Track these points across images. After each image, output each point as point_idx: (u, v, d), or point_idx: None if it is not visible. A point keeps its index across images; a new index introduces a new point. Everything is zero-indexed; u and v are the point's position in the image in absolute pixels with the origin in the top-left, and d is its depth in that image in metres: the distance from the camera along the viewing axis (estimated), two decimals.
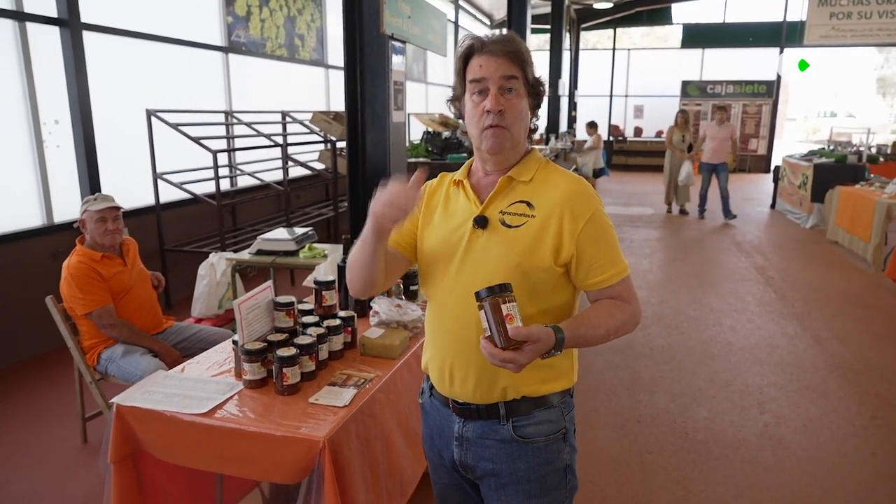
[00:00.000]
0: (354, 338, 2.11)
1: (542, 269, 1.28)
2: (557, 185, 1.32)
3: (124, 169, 4.94)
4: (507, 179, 1.33)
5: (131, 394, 1.76)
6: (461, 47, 1.33)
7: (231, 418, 1.64)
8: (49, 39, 4.14)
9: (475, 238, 1.32)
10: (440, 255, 1.37)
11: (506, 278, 1.22)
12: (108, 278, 2.83)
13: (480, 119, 1.29)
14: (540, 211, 1.29)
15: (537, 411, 1.34)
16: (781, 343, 4.42)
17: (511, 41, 1.29)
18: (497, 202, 1.33)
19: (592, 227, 1.28)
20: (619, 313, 1.30)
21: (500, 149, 1.30)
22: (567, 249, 1.27)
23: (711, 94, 16.33)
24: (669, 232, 8.39)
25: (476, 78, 1.28)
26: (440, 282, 1.37)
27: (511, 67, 1.28)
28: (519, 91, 1.29)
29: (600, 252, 1.29)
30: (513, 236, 1.29)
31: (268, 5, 6.64)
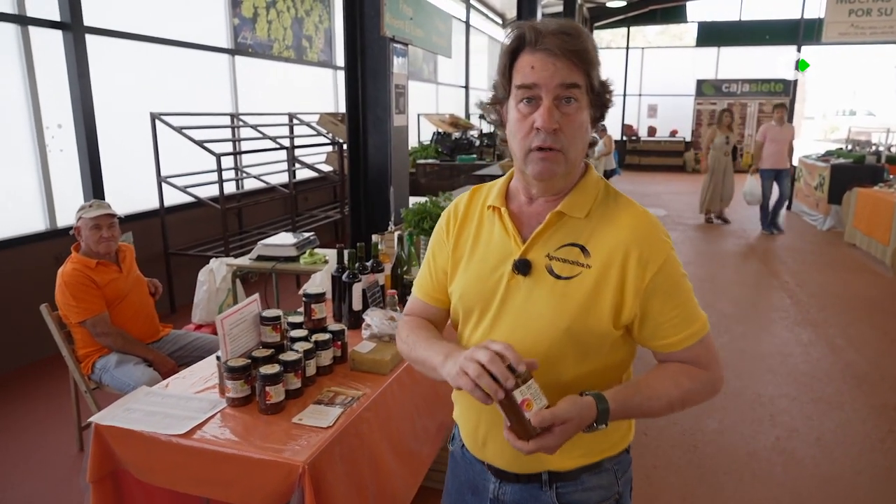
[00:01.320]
0: (345, 352, 2.05)
1: (597, 334, 1.06)
2: (619, 223, 1.07)
3: (128, 172, 4.93)
4: (556, 216, 1.08)
5: (111, 412, 1.71)
6: (509, 38, 1.05)
7: (210, 439, 1.58)
8: (52, 43, 4.12)
9: (515, 287, 1.10)
10: (472, 302, 1.15)
11: (552, 344, 1.06)
12: (103, 286, 2.79)
13: (528, 137, 1.03)
14: (597, 258, 1.05)
15: (586, 476, 1.15)
16: (795, 351, 4.30)
17: (574, 35, 1.00)
18: (543, 242, 1.09)
19: (663, 278, 1.04)
20: (689, 382, 1.08)
21: (550, 175, 1.05)
22: (630, 309, 1.05)
23: (727, 92, 16.10)
24: (681, 234, 8.25)
25: (525, 83, 1.01)
26: (472, 335, 1.16)
27: (572, 72, 1.01)
28: (580, 102, 1.02)
29: (671, 309, 1.06)
30: (562, 291, 1.06)
31: (275, 7, 6.61)
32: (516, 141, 1.05)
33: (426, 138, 9.91)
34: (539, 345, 1.07)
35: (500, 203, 1.14)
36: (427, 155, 8.90)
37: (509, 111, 1.07)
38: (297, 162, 6.66)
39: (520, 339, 1.07)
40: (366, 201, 3.71)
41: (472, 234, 1.19)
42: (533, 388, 0.96)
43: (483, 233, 1.17)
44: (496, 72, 1.09)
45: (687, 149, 16.54)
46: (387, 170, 3.60)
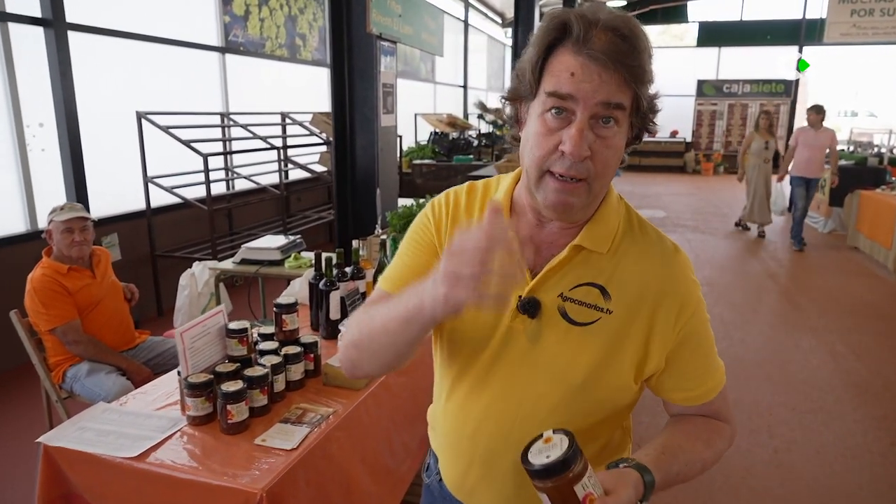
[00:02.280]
0: (318, 365, 1.94)
1: (616, 389, 0.92)
2: (647, 261, 0.92)
3: (114, 173, 4.82)
4: (574, 250, 0.91)
5: (62, 431, 1.61)
6: (549, 24, 0.83)
7: (164, 463, 1.47)
8: (32, 40, 4.01)
9: (518, 328, 0.92)
10: (465, 337, 0.96)
11: (561, 400, 0.90)
12: (75, 292, 2.69)
13: (548, 157, 0.83)
14: (620, 302, 0.90)
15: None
16: (794, 358, 4.19)
17: (632, 40, 0.80)
18: (556, 279, 0.91)
19: (692, 329, 0.91)
20: (719, 440, 0.97)
21: (567, 209, 0.87)
22: (656, 363, 0.91)
23: (728, 93, 16.00)
24: (680, 237, 8.13)
25: (560, 92, 0.81)
26: (463, 376, 0.99)
27: (620, 91, 0.81)
28: (620, 125, 0.84)
29: (697, 360, 0.94)
30: (578, 340, 0.90)
31: (267, 4, 6.51)
32: (533, 157, 0.85)
33: (423, 138, 9.80)
34: (545, 401, 0.92)
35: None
36: (424, 155, 8.79)
37: (530, 116, 0.87)
38: (290, 162, 6.56)
39: (523, 392, 0.93)
40: (353, 204, 3.61)
41: None
42: (592, 478, 0.76)
43: None
44: (524, 61, 0.87)
45: (687, 149, 16.43)
46: (374, 171, 3.49)
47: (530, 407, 0.90)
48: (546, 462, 0.74)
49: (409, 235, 1.05)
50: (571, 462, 0.74)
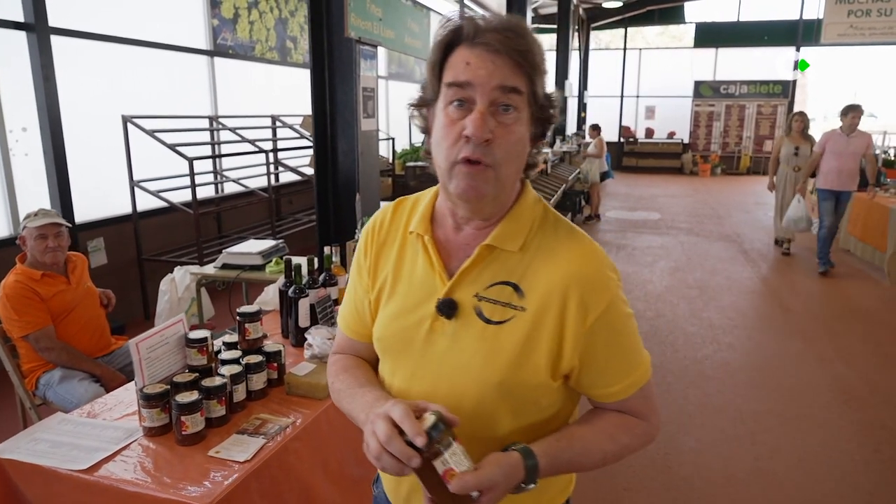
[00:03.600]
0: (282, 374, 1.92)
1: (534, 387, 0.93)
2: (559, 258, 0.93)
3: (100, 176, 4.81)
4: (486, 249, 0.94)
5: (15, 442, 1.59)
6: (443, 29, 0.90)
7: (113, 476, 1.45)
8: (15, 44, 4.00)
9: (439, 331, 0.95)
10: (392, 342, 1.01)
11: (480, 399, 0.92)
12: (48, 298, 2.67)
13: (454, 146, 0.87)
14: (532, 300, 0.91)
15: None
16: (783, 364, 4.16)
17: (519, 34, 0.86)
18: (471, 279, 0.94)
19: (606, 324, 0.92)
20: (626, 436, 0.98)
21: (477, 196, 0.89)
22: (569, 359, 0.92)
23: (725, 94, 15.99)
24: (673, 239, 8.11)
25: (458, 81, 0.86)
26: (391, 382, 1.02)
27: (514, 74, 0.86)
28: (520, 112, 0.88)
29: (614, 357, 0.95)
30: (494, 338, 0.92)
31: (257, 7, 6.49)
32: (441, 150, 0.90)
33: (418, 140, 9.78)
34: (466, 399, 0.93)
35: (425, 230, 0.98)
36: (418, 157, 8.78)
37: (436, 115, 0.91)
38: (280, 165, 6.54)
39: (444, 394, 0.94)
40: (335, 209, 3.59)
41: (392, 261, 1.02)
42: (456, 455, 0.82)
43: (406, 261, 1.01)
44: (426, 67, 0.93)
45: (684, 150, 16.41)
46: (355, 175, 3.47)
47: (454, 408, 0.89)
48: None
49: (352, 266, 1.10)
50: (434, 442, 0.80)
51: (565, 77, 12.20)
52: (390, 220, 1.05)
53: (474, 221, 0.96)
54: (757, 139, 15.96)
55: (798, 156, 6.74)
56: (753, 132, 15.97)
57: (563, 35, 12.05)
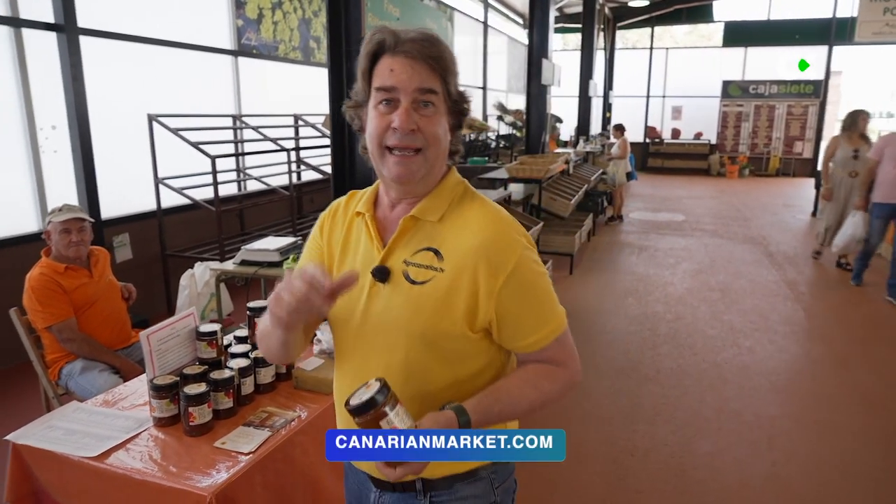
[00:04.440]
0: (291, 369, 1.95)
1: (454, 338, 1.05)
2: (471, 225, 1.06)
3: (126, 174, 4.92)
4: (410, 220, 1.08)
5: (31, 429, 1.64)
6: (369, 42, 1.05)
7: (121, 463, 1.49)
8: (45, 45, 4.12)
9: (375, 294, 1.08)
10: (339, 311, 1.11)
11: (409, 351, 1.05)
12: (71, 291, 2.75)
13: (384, 134, 1.03)
14: (450, 262, 1.04)
15: (460, 484, 1.12)
16: (804, 368, 4.08)
17: (432, 43, 1.04)
18: (400, 248, 1.08)
19: (516, 281, 1.04)
20: (548, 382, 1.09)
21: (409, 178, 1.04)
22: (484, 312, 1.04)
23: (754, 94, 15.69)
24: (696, 241, 7.99)
25: (385, 86, 1.02)
26: (340, 346, 1.16)
27: (430, 77, 1.02)
28: (437, 106, 1.04)
29: (527, 311, 1.06)
30: (417, 296, 1.05)
31: (281, 8, 6.58)
32: (372, 140, 1.05)
33: None
34: (398, 352, 1.06)
35: (367, 209, 1.13)
36: None
37: (369, 113, 1.06)
38: (302, 163, 6.62)
39: (380, 348, 1.08)
40: None
41: (340, 240, 1.16)
42: (399, 415, 0.93)
43: (352, 240, 1.15)
44: (357, 74, 1.08)
45: (711, 152, 16.15)
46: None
47: (386, 362, 1.05)
48: (356, 403, 0.90)
49: (307, 243, 1.24)
50: (376, 402, 0.90)
51: (589, 77, 12.10)
52: (344, 206, 1.20)
53: (406, 200, 1.11)
54: (787, 140, 15.63)
55: (858, 159, 5.92)
56: (783, 133, 15.64)
57: (588, 34, 11.96)
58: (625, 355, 4.24)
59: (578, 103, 12.26)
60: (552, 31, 8.09)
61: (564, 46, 17.57)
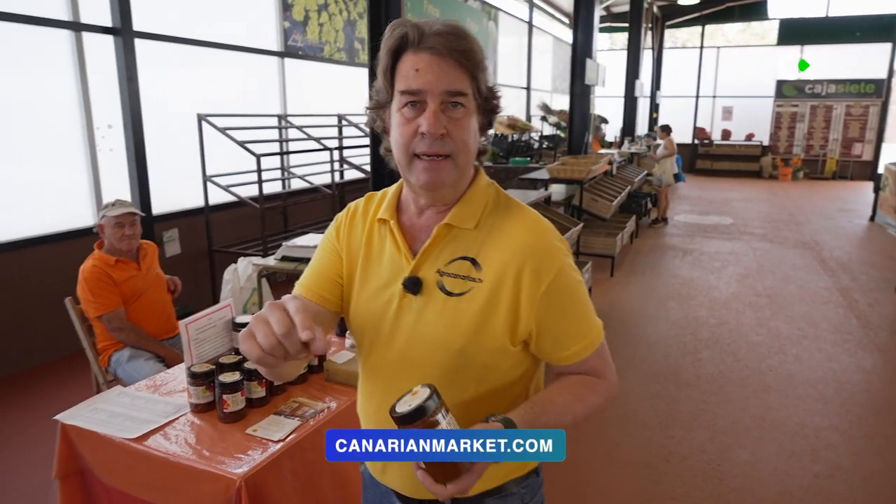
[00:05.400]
0: (323, 361, 2.00)
1: (494, 351, 1.00)
2: (511, 233, 1.01)
3: (176, 171, 5.11)
4: (445, 228, 1.01)
5: (77, 410, 1.73)
6: (390, 37, 0.96)
7: (159, 445, 1.56)
8: (103, 47, 4.32)
9: (407, 306, 1.02)
10: (365, 322, 1.07)
11: (445, 365, 1.00)
12: (121, 283, 2.88)
13: (411, 142, 0.95)
14: (489, 272, 0.99)
15: (490, 500, 1.08)
16: (854, 378, 3.91)
17: (459, 35, 0.94)
18: (433, 257, 1.02)
19: (557, 289, 0.99)
20: (592, 395, 1.05)
21: (438, 184, 0.98)
22: (525, 323, 0.99)
23: (810, 94, 15.10)
24: (745, 245, 7.76)
25: (410, 89, 0.93)
26: (367, 358, 1.11)
27: (459, 76, 0.94)
28: (467, 108, 0.96)
29: (568, 321, 1.02)
30: (454, 308, 0.99)
31: (327, 10, 6.71)
32: (399, 148, 0.97)
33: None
34: (433, 367, 1.01)
35: (390, 216, 1.06)
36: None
37: (392, 116, 0.99)
38: (345, 163, 6.73)
39: (413, 362, 1.03)
40: None
41: (361, 247, 1.09)
42: (451, 424, 0.85)
43: (374, 247, 1.08)
44: (378, 72, 0.99)
45: (764, 153, 15.64)
46: None
47: (421, 378, 0.95)
48: (405, 410, 0.83)
49: (320, 244, 1.18)
50: (427, 410, 0.82)
51: (636, 77, 11.90)
52: (362, 210, 1.13)
53: (434, 206, 1.05)
54: (845, 142, 15.00)
55: None
56: (841, 134, 15.02)
57: (635, 34, 11.76)
58: (664, 359, 4.16)
59: (624, 104, 12.06)
60: (597, 30, 7.99)
61: (612, 46, 17.31)
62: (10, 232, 3.93)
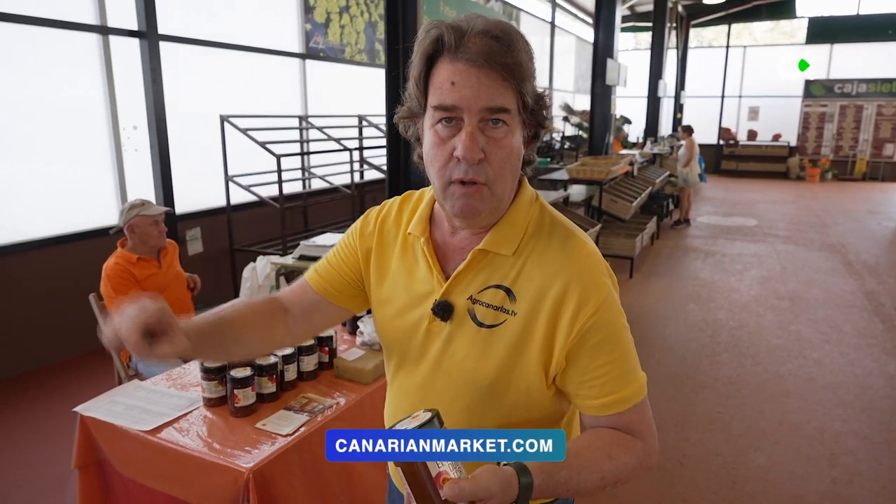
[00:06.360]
0: (333, 358, 2.03)
1: (525, 391, 0.93)
2: (550, 260, 0.91)
3: (198, 171, 5.21)
4: (480, 254, 0.93)
5: (95, 403, 1.79)
6: (424, 39, 0.85)
7: (172, 438, 1.61)
8: (129, 50, 4.43)
9: (435, 331, 0.96)
10: (394, 339, 1.03)
11: (472, 401, 0.93)
12: (142, 280, 2.95)
13: (446, 166, 0.86)
14: (523, 303, 0.90)
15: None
16: (877, 384, 3.84)
17: (506, 41, 0.82)
18: (466, 283, 0.94)
19: (595, 326, 0.88)
20: (624, 453, 0.90)
21: (475, 213, 0.89)
22: (558, 358, 0.90)
23: (840, 93, 14.78)
24: (769, 247, 7.64)
25: (444, 105, 0.83)
26: (394, 373, 1.07)
27: (502, 91, 0.83)
28: (510, 126, 0.85)
29: (602, 365, 0.89)
30: (485, 340, 0.92)
31: (348, 12, 6.78)
32: (434, 170, 0.88)
33: None
34: (459, 400, 0.95)
35: (422, 231, 0.98)
36: None
37: (425, 131, 0.89)
38: (365, 163, 6.79)
39: (439, 392, 0.97)
40: None
41: (395, 253, 1.03)
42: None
43: (409, 257, 1.01)
44: (410, 78, 0.89)
45: (791, 154, 15.35)
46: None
47: (446, 408, 0.89)
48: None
49: (343, 237, 1.13)
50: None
51: (659, 77, 11.78)
52: (396, 213, 1.06)
53: (471, 228, 0.96)
54: (875, 142, 14.65)
55: None
56: (872, 135, 14.68)
57: (659, 33, 11.64)
58: (681, 362, 4.13)
59: (647, 104, 11.95)
60: (618, 29, 7.94)
61: (636, 46, 17.16)
62: (40, 230, 4.06)
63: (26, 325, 3.96)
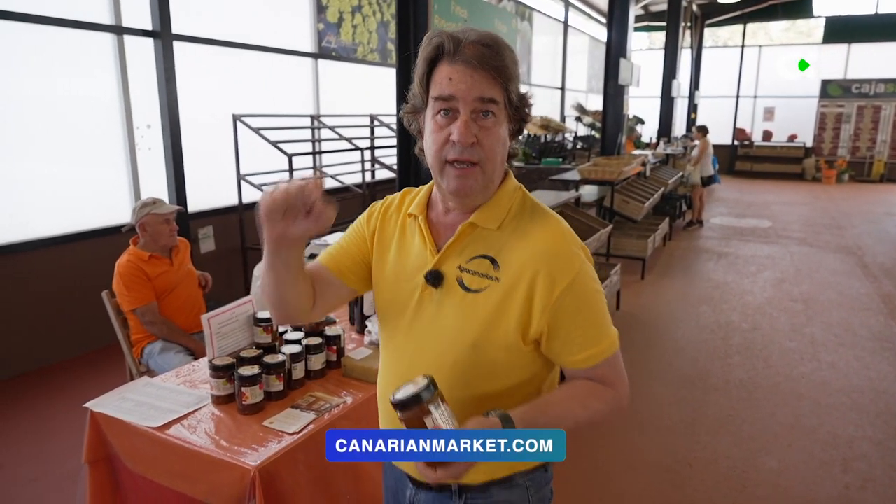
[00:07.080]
0: (341, 357, 2.04)
1: (505, 348, 1.05)
2: (531, 237, 1.06)
3: (211, 170, 5.25)
4: (469, 227, 1.07)
5: (106, 399, 1.81)
6: (427, 46, 1.03)
7: (180, 434, 1.62)
8: (143, 50, 4.47)
9: (427, 297, 1.09)
10: (389, 307, 1.16)
11: (458, 358, 1.05)
12: (154, 277, 2.98)
13: (443, 149, 1.01)
14: (506, 272, 1.04)
15: (496, 489, 1.12)
16: (892, 388, 3.78)
17: (495, 48, 0.99)
18: (456, 254, 1.08)
19: (572, 296, 1.02)
20: (597, 402, 1.07)
21: (467, 191, 1.03)
22: (537, 325, 1.03)
23: (857, 93, 14.59)
24: (782, 249, 7.56)
25: (443, 95, 0.99)
26: (388, 340, 1.19)
27: (491, 87, 0.99)
28: (498, 117, 1.02)
29: (580, 327, 1.04)
30: (471, 304, 1.05)
31: (360, 11, 6.79)
32: (432, 153, 1.03)
33: None
34: (446, 358, 1.07)
35: (420, 211, 1.13)
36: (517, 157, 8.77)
37: (426, 122, 1.05)
38: (377, 162, 6.80)
39: (429, 352, 1.09)
40: None
41: (394, 238, 1.17)
42: (444, 415, 0.91)
43: (406, 237, 1.16)
44: (414, 79, 1.06)
45: (807, 155, 15.18)
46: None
47: (434, 368, 1.02)
48: (401, 397, 0.89)
49: (351, 226, 1.26)
50: (422, 398, 0.88)
51: (673, 76, 11.70)
52: (397, 204, 1.21)
53: (462, 209, 1.10)
54: (894, 143, 14.45)
55: None
56: (890, 136, 14.47)
57: (673, 32, 11.56)
58: (692, 364, 4.09)
59: (660, 104, 11.87)
60: (631, 29, 7.89)
61: (651, 45, 17.05)
62: (54, 227, 4.11)
63: (39, 322, 4.01)
